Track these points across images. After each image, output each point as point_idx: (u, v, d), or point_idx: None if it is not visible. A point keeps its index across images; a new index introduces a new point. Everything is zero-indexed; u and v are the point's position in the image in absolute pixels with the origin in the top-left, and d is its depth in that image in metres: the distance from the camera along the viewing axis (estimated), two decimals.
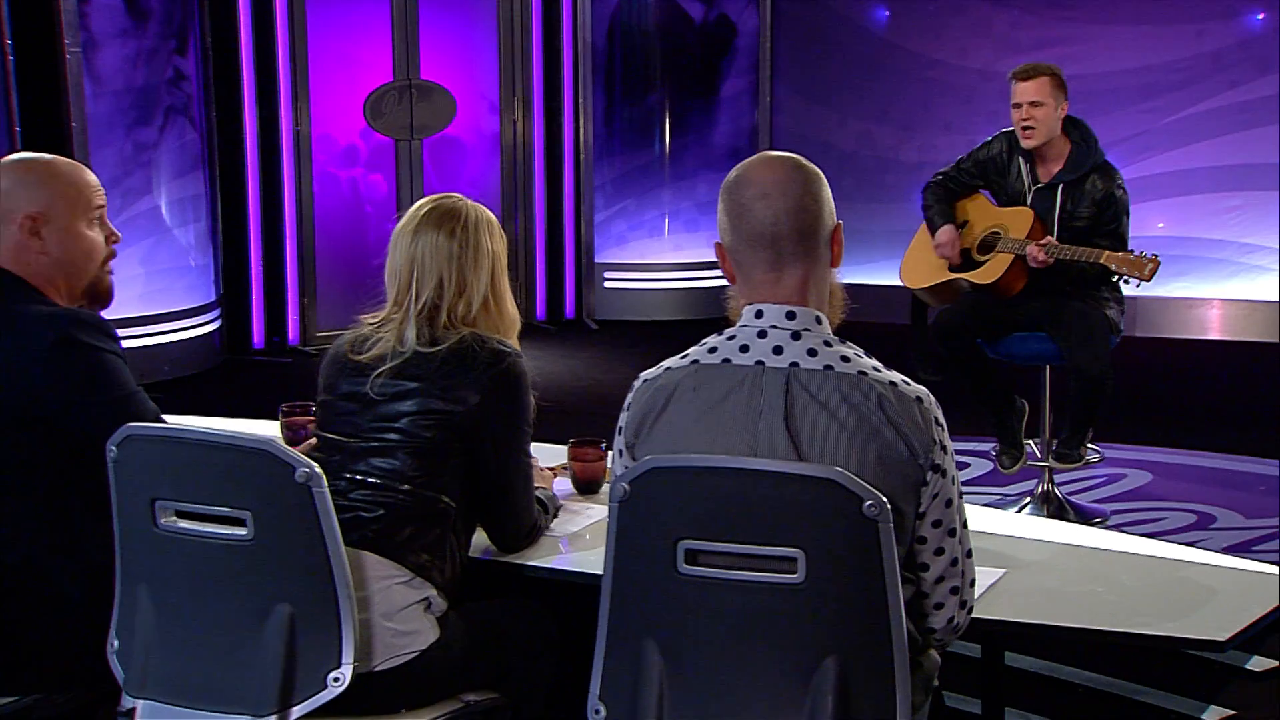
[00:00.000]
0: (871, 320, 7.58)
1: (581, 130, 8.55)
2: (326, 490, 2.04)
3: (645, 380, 1.93)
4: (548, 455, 2.91)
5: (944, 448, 1.84)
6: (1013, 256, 4.34)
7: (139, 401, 2.26)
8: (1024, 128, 4.32)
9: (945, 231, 4.50)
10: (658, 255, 8.70)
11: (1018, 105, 4.32)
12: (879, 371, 1.83)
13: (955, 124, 8.25)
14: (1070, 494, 4.79)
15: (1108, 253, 4.15)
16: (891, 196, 8.44)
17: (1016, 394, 4.58)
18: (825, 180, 1.89)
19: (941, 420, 1.84)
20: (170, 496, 2.07)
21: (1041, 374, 4.61)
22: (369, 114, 7.71)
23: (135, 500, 2.08)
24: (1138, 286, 4.17)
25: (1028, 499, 4.67)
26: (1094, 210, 4.30)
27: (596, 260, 8.71)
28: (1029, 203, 4.40)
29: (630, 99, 8.62)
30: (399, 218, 2.43)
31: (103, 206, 2.39)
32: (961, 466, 5.20)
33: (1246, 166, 7.80)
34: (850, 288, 1.98)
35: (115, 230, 2.42)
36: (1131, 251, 4.16)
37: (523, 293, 8.33)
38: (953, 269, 4.51)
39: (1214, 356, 7.50)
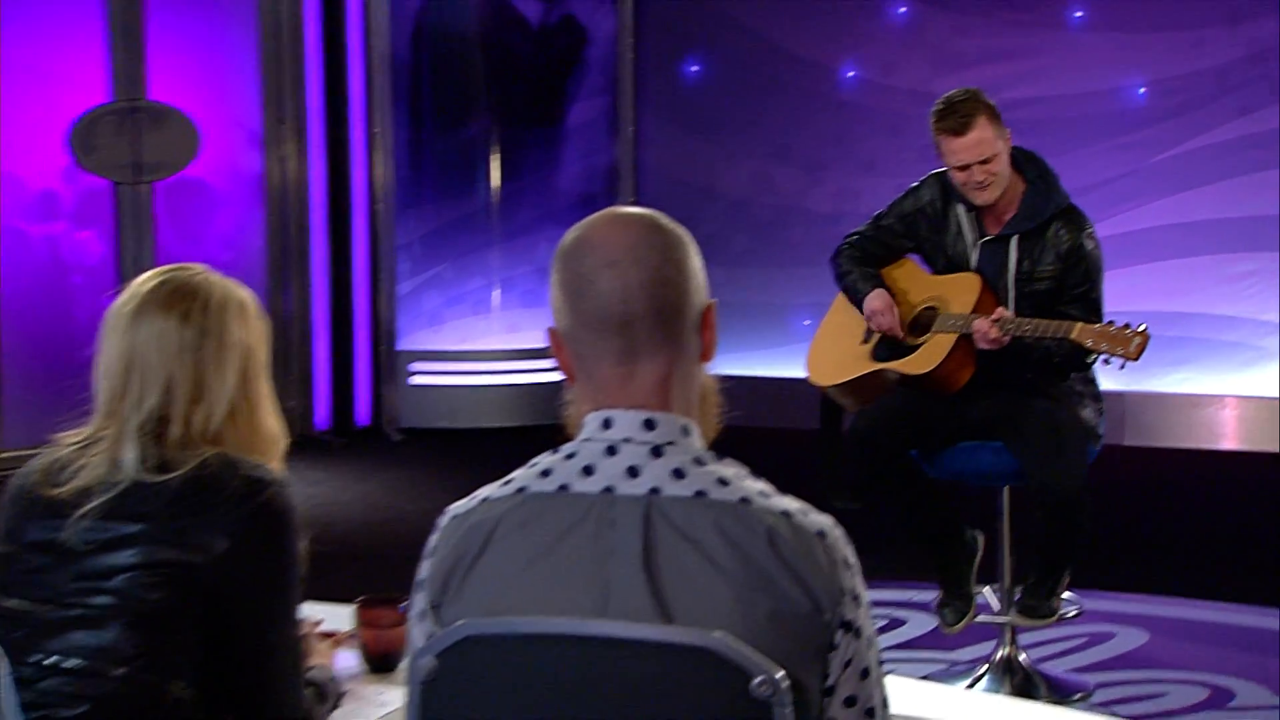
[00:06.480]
0: (767, 426, 7.68)
1: (378, 171, 8.58)
2: (7, 678, 1.99)
3: (454, 516, 1.94)
4: (327, 619, 2.88)
5: (857, 598, 1.88)
6: (955, 338, 4.44)
7: None
8: (976, 189, 4.43)
9: (877, 297, 4.58)
10: (484, 339, 8.72)
11: (963, 167, 4.40)
12: (768, 498, 1.87)
13: (880, 162, 8.45)
14: (1040, 661, 4.88)
15: (1081, 325, 4.25)
16: (797, 259, 8.60)
17: (966, 524, 4.67)
18: (694, 244, 1.93)
19: (853, 561, 1.88)
20: None
21: (997, 497, 4.71)
22: (77, 147, 7.63)
23: None
24: (1123, 368, 4.25)
25: (983, 667, 4.73)
26: (1059, 267, 4.43)
27: (400, 347, 8.70)
28: (974, 264, 4.53)
29: (445, 128, 8.69)
30: (121, 293, 2.43)
31: None
32: (895, 624, 5.32)
33: (1262, 219, 8.03)
34: (736, 383, 2.02)
35: None
36: (1111, 323, 4.29)
37: (297, 393, 8.27)
38: (878, 357, 4.61)
39: (1228, 473, 7.69)
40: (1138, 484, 7.34)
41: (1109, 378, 4.53)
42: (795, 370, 5.05)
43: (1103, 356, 4.25)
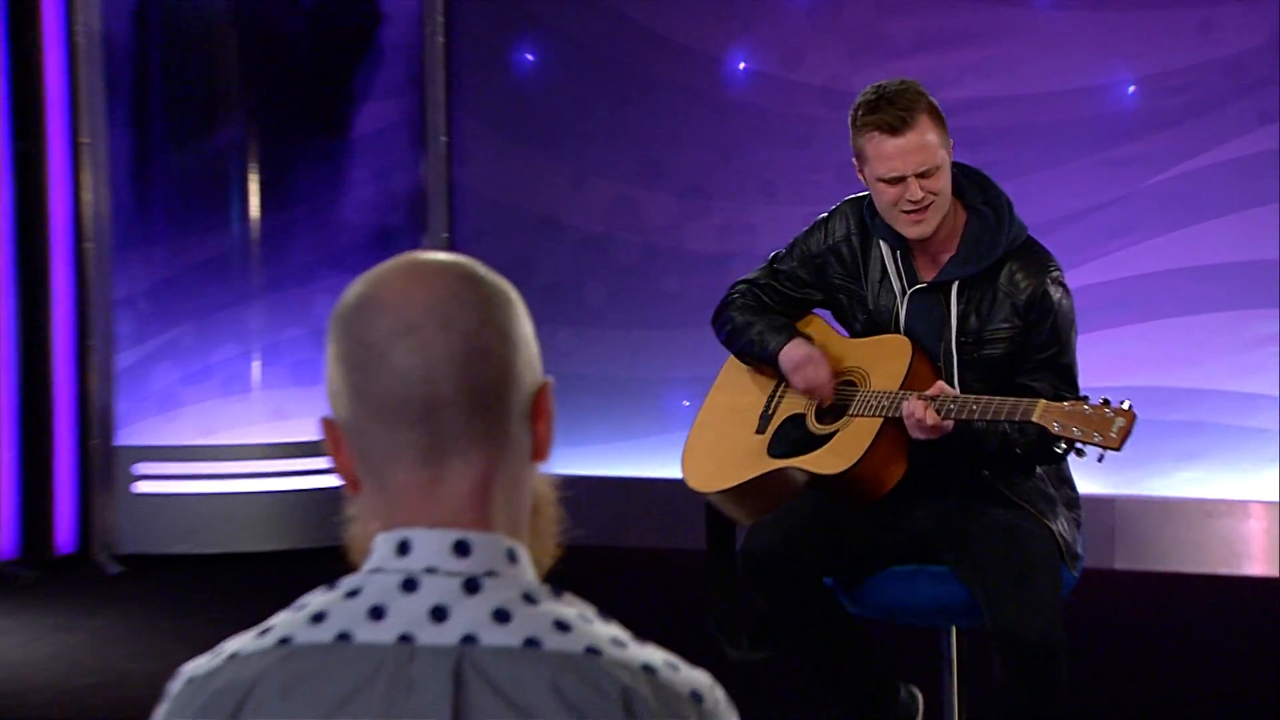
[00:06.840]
0: (631, 546, 7.60)
1: (87, 196, 8.51)
2: None
3: (191, 679, 1.93)
4: None
5: None
6: (879, 424, 4.48)
7: None
8: (911, 213, 4.49)
9: (797, 346, 4.62)
10: (238, 430, 8.66)
11: (897, 179, 4.43)
12: (624, 648, 1.88)
13: (780, 185, 8.51)
14: None
15: (1044, 403, 4.28)
16: (672, 316, 8.62)
17: (900, 679, 4.71)
18: (522, 304, 1.95)
19: None
20: None
21: (942, 641, 4.76)
22: None
23: None
24: (1101, 460, 4.29)
25: None
26: (1016, 325, 4.48)
27: (119, 442, 8.61)
28: (903, 321, 4.59)
29: (184, 138, 8.65)
30: None
31: None
32: None
33: None
34: (588, 488, 2.04)
35: None
36: (1085, 399, 4.33)
37: None
38: (777, 451, 4.63)
39: (1254, 606, 7.78)
40: (1132, 621, 7.42)
41: (1091, 477, 4.58)
42: (672, 469, 5.05)
43: (1074, 445, 4.28)
